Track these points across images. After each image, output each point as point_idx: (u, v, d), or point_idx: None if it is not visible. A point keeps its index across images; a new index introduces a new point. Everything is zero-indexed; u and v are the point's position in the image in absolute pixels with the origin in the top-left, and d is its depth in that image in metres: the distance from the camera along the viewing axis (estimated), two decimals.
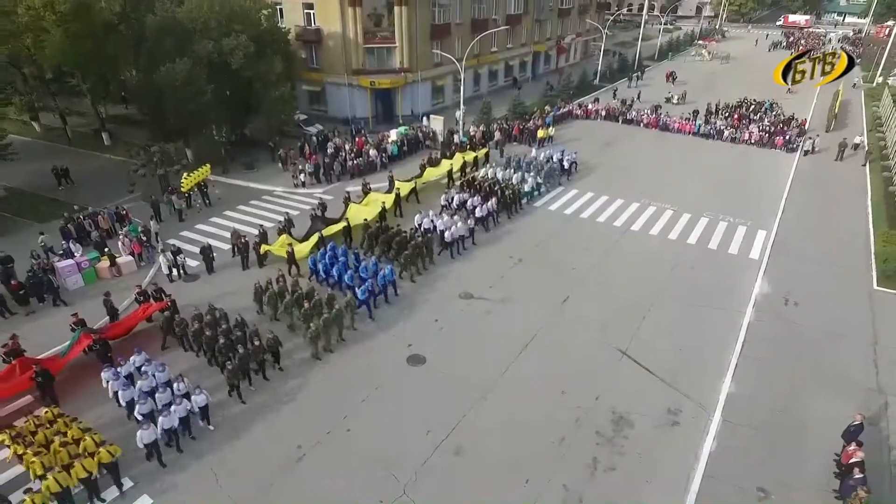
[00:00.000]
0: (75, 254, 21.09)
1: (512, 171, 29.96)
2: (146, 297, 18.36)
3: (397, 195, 26.14)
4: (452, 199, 26.81)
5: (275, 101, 31.93)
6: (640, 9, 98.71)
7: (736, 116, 41.39)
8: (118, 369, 15.02)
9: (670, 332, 18.42)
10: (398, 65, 39.21)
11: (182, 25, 29.71)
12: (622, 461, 13.74)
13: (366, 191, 27.04)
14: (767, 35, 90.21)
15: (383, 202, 25.40)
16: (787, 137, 36.45)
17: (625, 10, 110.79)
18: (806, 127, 39.71)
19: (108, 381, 14.83)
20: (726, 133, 38.08)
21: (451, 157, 30.89)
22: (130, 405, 14.46)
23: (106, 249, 21.46)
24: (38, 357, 15.97)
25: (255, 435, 14.49)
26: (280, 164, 31.56)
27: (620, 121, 41.94)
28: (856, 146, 34.80)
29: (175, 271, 21.08)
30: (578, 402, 15.50)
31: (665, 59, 70.73)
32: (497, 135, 35.64)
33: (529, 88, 52.37)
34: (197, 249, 22.22)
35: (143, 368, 15.23)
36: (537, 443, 14.24)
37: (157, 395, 14.47)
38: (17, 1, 28.66)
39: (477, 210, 25.01)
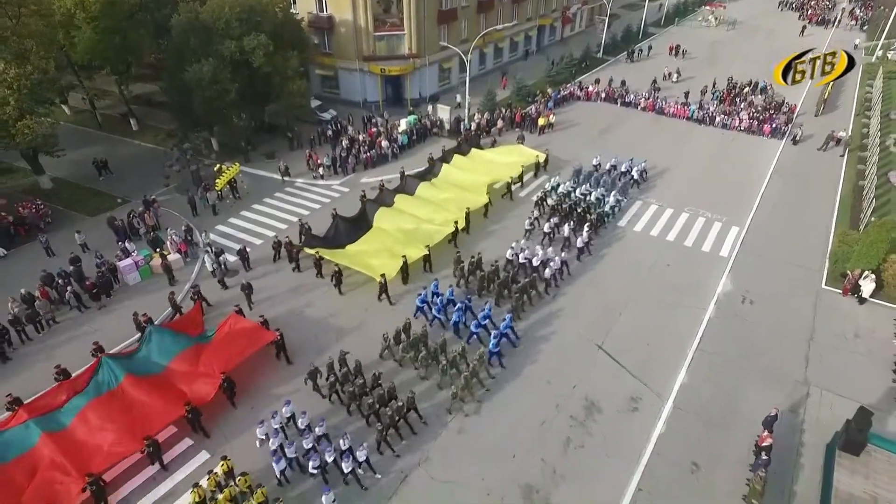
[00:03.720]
0: (131, 252, 24.42)
1: (587, 186, 29.81)
2: (200, 295, 21.83)
3: (467, 213, 26.62)
4: (536, 222, 27.06)
5: (292, 94, 34.22)
6: None
7: (727, 99, 43.26)
8: (272, 421, 16.40)
9: (641, 328, 21.85)
10: (407, 50, 40.90)
11: (205, 25, 31.64)
12: (590, 440, 17.48)
13: (380, 186, 29.65)
14: None
15: (455, 221, 25.68)
16: (775, 126, 38.52)
17: None
18: (796, 113, 41.53)
19: (265, 439, 16.37)
20: (718, 119, 40.11)
21: (461, 149, 33.07)
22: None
23: (157, 250, 24.73)
24: (118, 351, 19.68)
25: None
26: (279, 176, 32.46)
27: (619, 103, 43.82)
28: (838, 141, 36.53)
29: (217, 268, 24.43)
30: (559, 391, 19.14)
31: (671, 24, 70.61)
32: (500, 122, 37.86)
33: (533, 62, 53.65)
34: (231, 242, 26.35)
35: (300, 422, 16.70)
36: (524, 424, 17.94)
37: (325, 451, 15.58)
38: (51, 4, 30.60)
39: (577, 239, 25.22)
